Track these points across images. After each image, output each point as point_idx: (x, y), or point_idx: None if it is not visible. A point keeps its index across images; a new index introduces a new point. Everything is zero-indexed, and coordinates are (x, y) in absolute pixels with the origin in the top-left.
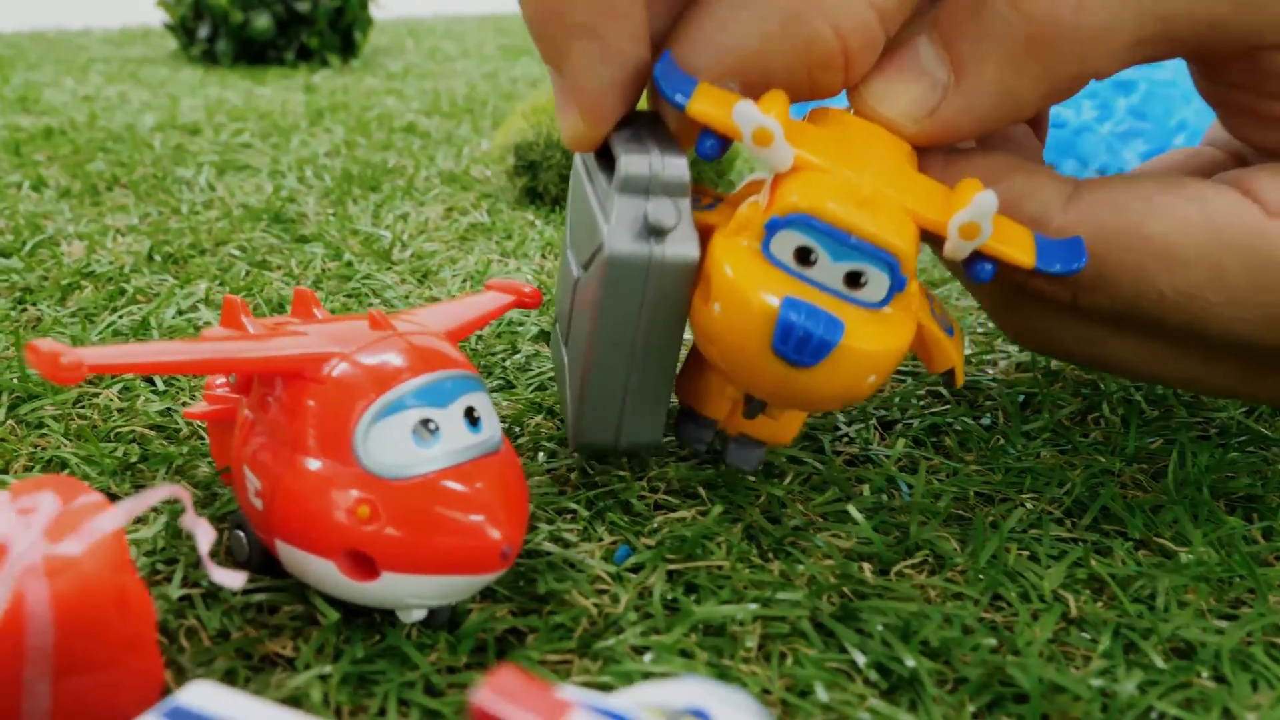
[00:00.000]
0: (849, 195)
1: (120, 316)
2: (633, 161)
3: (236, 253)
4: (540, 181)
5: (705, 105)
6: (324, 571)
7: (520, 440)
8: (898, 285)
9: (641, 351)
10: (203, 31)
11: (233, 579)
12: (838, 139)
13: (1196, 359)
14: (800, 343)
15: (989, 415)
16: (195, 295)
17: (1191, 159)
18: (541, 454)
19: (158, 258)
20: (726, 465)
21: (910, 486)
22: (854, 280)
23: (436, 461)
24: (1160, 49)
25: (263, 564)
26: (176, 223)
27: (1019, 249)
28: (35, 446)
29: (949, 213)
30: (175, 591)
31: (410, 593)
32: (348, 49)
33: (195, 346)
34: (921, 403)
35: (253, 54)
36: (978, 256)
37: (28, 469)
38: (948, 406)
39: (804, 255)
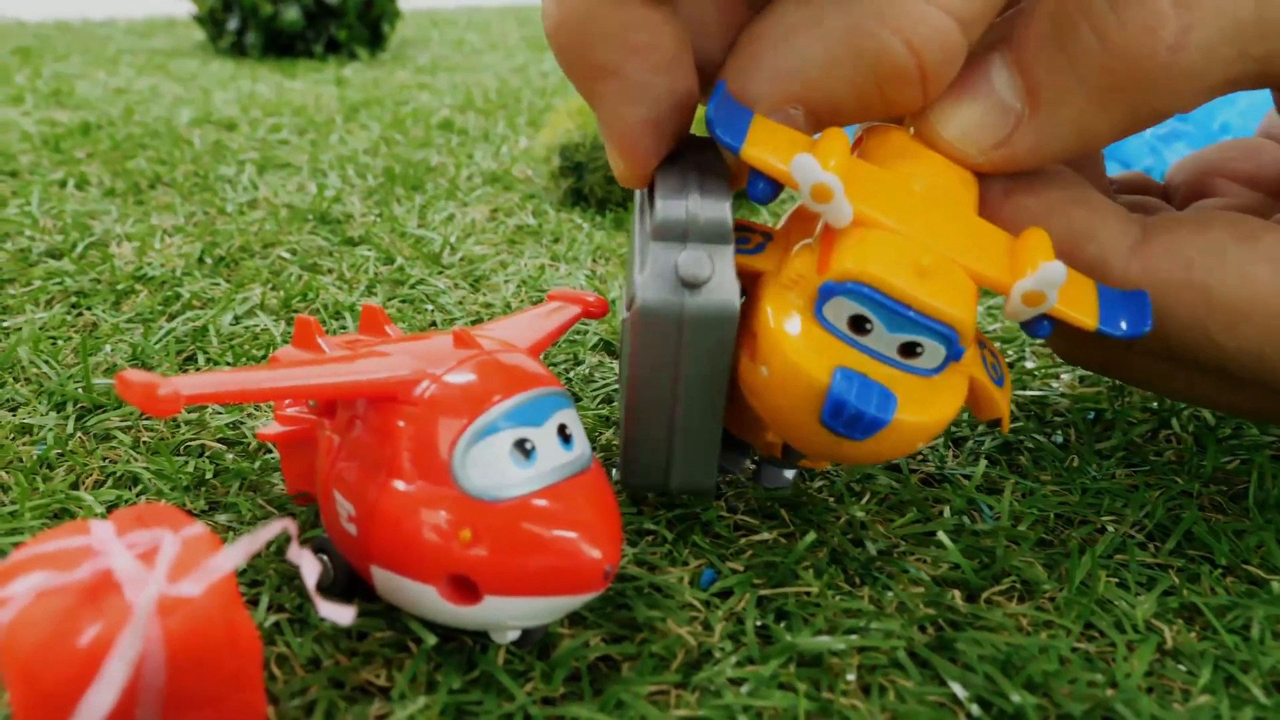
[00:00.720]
0: (909, 263)
1: (178, 323)
2: (669, 207)
3: (287, 255)
4: (586, 183)
5: (760, 151)
6: (424, 596)
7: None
8: (954, 356)
9: (683, 400)
10: (231, 23)
11: (342, 614)
12: (897, 183)
13: (1262, 396)
14: (851, 420)
15: (1060, 432)
16: (251, 301)
17: (1254, 155)
18: (615, 470)
19: (209, 260)
20: (759, 486)
21: (992, 508)
22: (909, 350)
23: (534, 482)
24: (1249, 85)
25: (347, 588)
26: (223, 223)
27: (1081, 308)
28: (105, 460)
29: (1013, 272)
30: (263, 616)
31: (511, 615)
32: (376, 41)
33: (287, 373)
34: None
35: (281, 46)
36: (1037, 315)
37: (100, 483)
38: (1018, 423)
39: (858, 324)
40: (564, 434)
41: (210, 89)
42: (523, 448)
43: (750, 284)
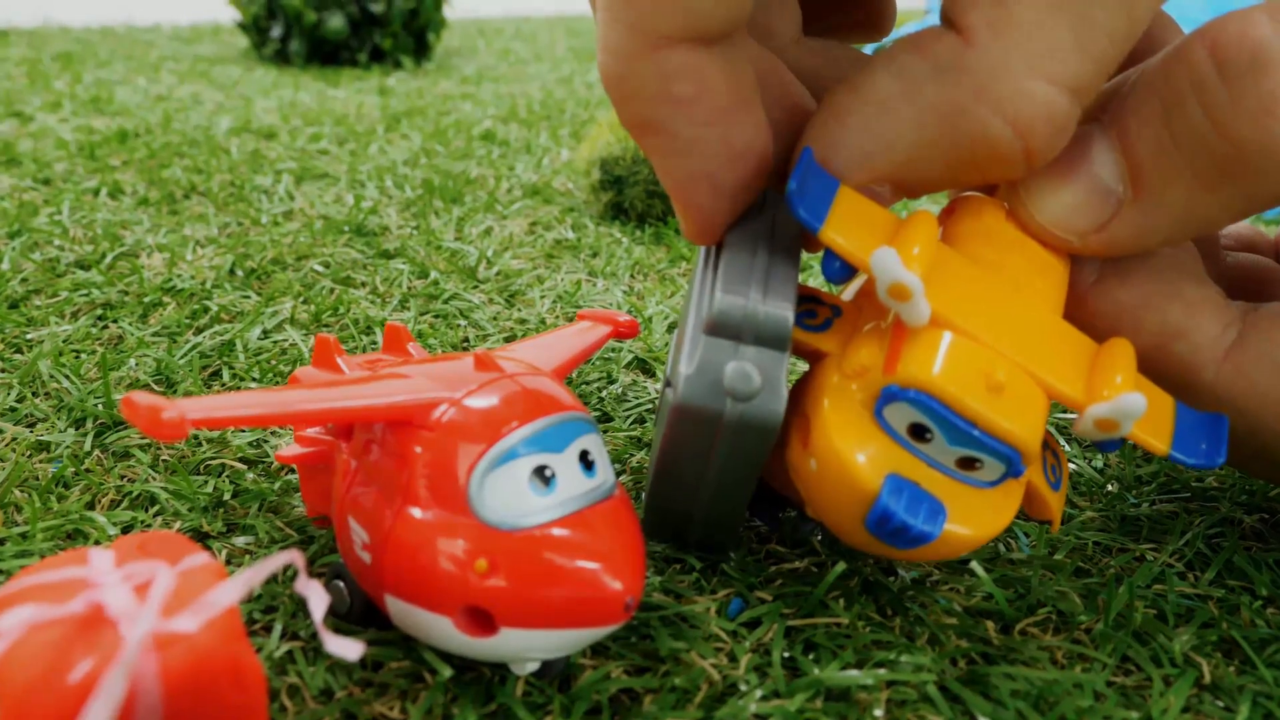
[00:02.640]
0: (980, 378)
1: (204, 337)
2: (727, 302)
3: (320, 268)
4: (626, 197)
5: (840, 235)
6: (438, 627)
7: (622, 478)
8: (1014, 474)
9: (710, 488)
10: (275, 31)
11: (349, 649)
12: (982, 276)
13: None
14: (896, 533)
15: (1101, 458)
16: (280, 315)
17: None
18: (638, 496)
19: (239, 272)
20: (793, 533)
21: (1029, 536)
22: (968, 464)
23: (553, 510)
24: None
25: (363, 615)
26: (257, 234)
27: (1155, 430)
28: (123, 479)
29: (1089, 391)
30: (275, 644)
31: (529, 647)
32: (421, 50)
33: (300, 396)
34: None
35: (325, 54)
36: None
37: (115, 503)
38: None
39: (918, 431)
40: (586, 460)
41: (251, 97)
42: (542, 475)
43: (812, 360)
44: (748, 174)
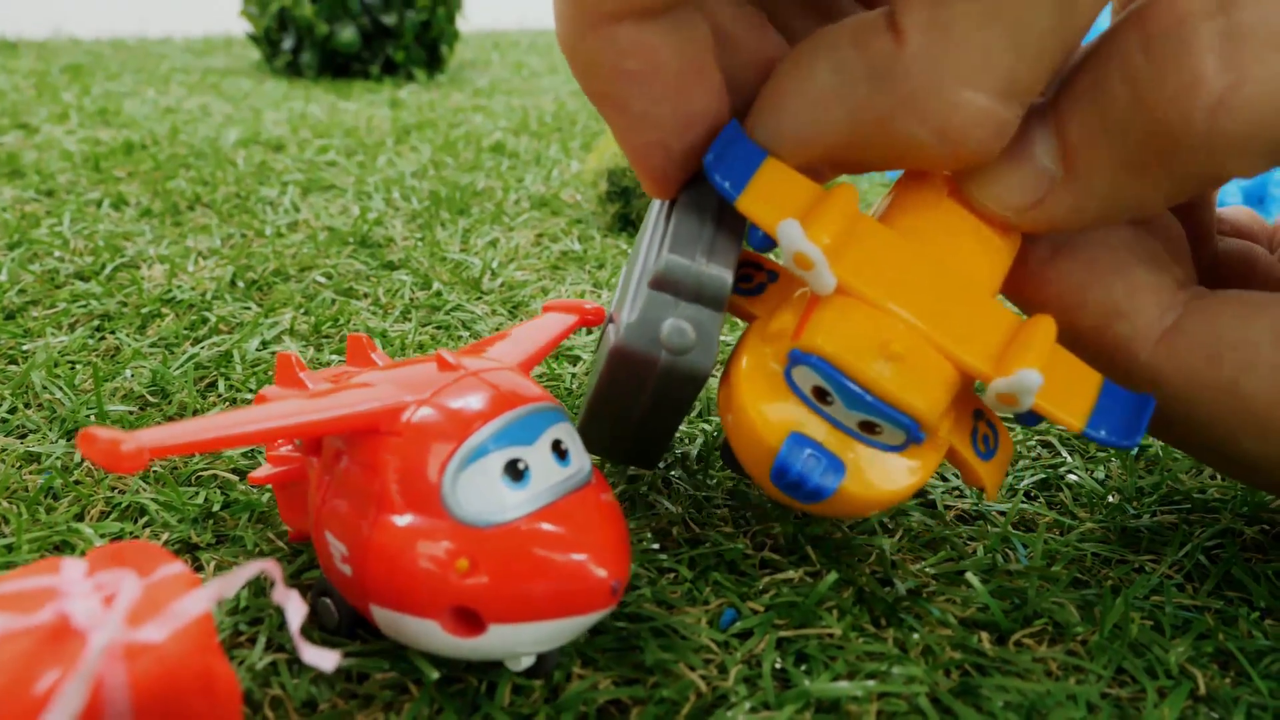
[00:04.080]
0: (877, 346)
1: (202, 348)
2: (673, 263)
3: (322, 280)
4: (633, 208)
5: (756, 205)
6: (427, 632)
7: (618, 488)
8: (915, 439)
9: (640, 423)
10: (287, 43)
11: (325, 659)
12: (909, 250)
13: None
14: (793, 486)
15: (1102, 468)
16: (280, 326)
17: None
18: (633, 501)
19: (241, 284)
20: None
21: (1027, 547)
22: (869, 427)
23: (530, 503)
24: None
25: (352, 627)
26: (260, 246)
27: (1069, 406)
28: (113, 490)
29: (1000, 364)
30: (259, 656)
31: (520, 642)
32: (434, 63)
33: (261, 413)
34: (1033, 454)
35: (337, 67)
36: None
37: (105, 514)
38: (1061, 459)
39: (821, 395)
40: (559, 449)
41: (261, 109)
42: (515, 468)
43: (747, 320)
44: (701, 139)
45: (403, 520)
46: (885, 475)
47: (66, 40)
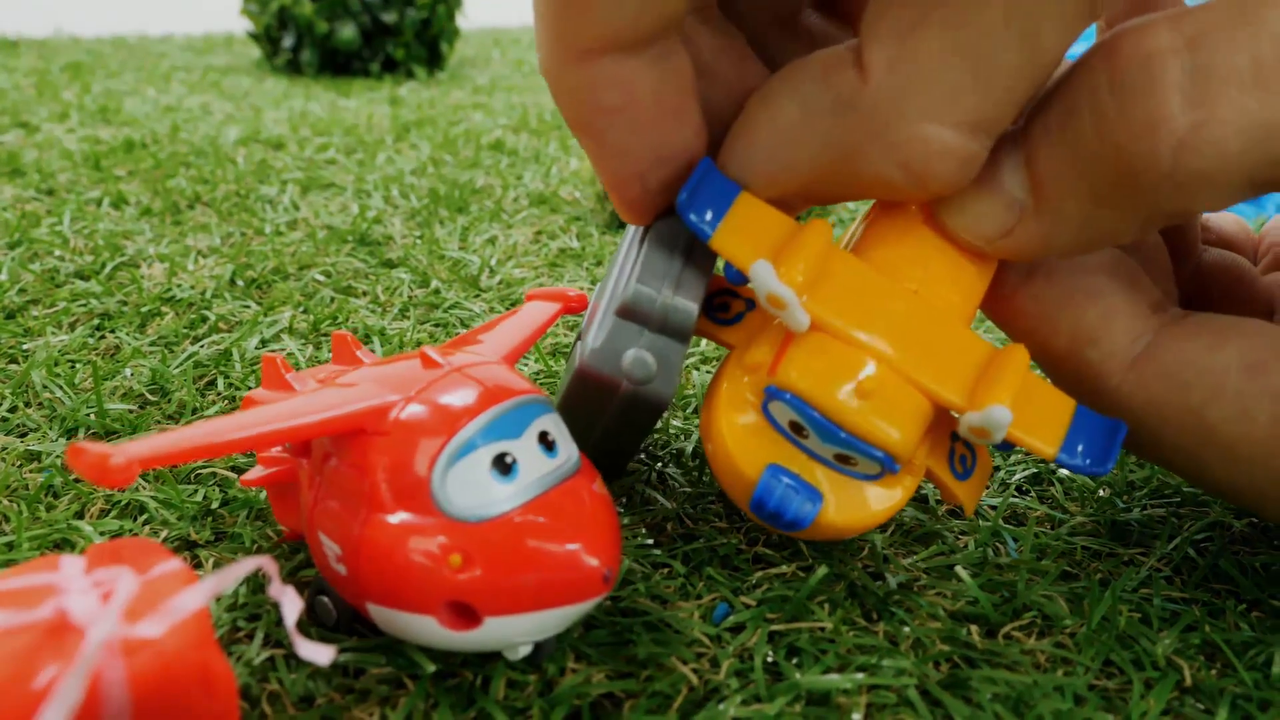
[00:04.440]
0: (848, 382)
1: (201, 346)
2: (641, 293)
3: (321, 278)
4: None
5: (729, 243)
6: (423, 627)
7: (613, 484)
8: (890, 470)
9: (600, 438)
10: (287, 41)
11: (321, 654)
12: (880, 282)
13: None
14: (772, 517)
15: None
16: (279, 324)
17: None
18: (628, 497)
19: (240, 282)
20: None
21: (1017, 541)
22: (844, 459)
23: (519, 496)
24: None
25: (350, 624)
26: (259, 244)
27: (1042, 433)
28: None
29: (973, 397)
30: (256, 651)
31: (516, 633)
32: (434, 61)
33: (249, 419)
34: (1023, 449)
35: (338, 65)
36: None
37: (104, 513)
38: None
39: (797, 429)
40: (546, 441)
41: (261, 107)
42: (503, 462)
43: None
44: (679, 172)
45: (394, 518)
46: (862, 504)
47: (67, 39)
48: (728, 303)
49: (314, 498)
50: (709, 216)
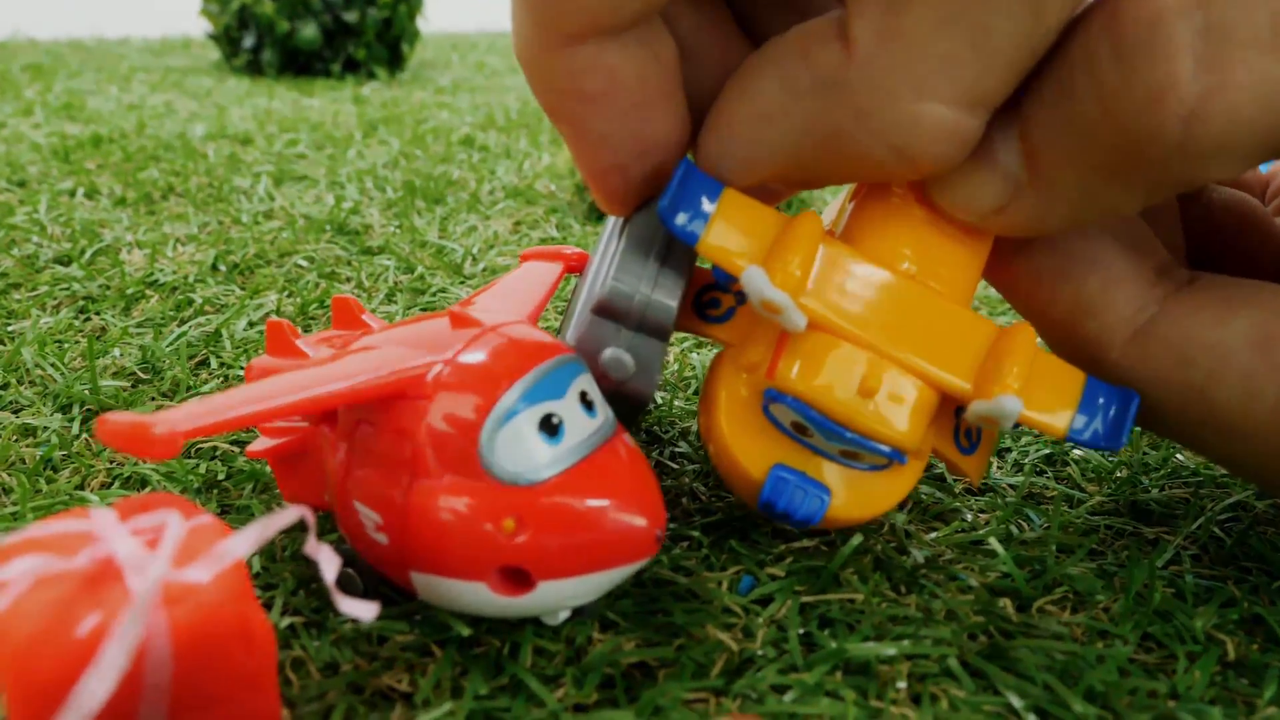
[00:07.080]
0: (851, 381)
1: (189, 328)
2: (618, 288)
3: (304, 264)
4: None
5: (717, 247)
6: (472, 594)
7: None
8: (898, 461)
9: None
10: (247, 41)
11: (364, 610)
12: (874, 269)
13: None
14: (782, 517)
15: None
16: (266, 307)
17: None
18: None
19: (223, 268)
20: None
21: (1041, 518)
22: (850, 454)
23: (567, 457)
24: None
25: (375, 593)
26: (238, 233)
27: (1053, 409)
28: (112, 462)
29: (980, 384)
30: (277, 618)
31: (566, 596)
32: (395, 62)
33: (289, 385)
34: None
35: (298, 65)
36: None
37: (106, 486)
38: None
39: (800, 428)
40: (586, 401)
41: (225, 105)
42: (549, 424)
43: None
44: (659, 164)
45: (442, 483)
46: (871, 494)
47: (25, 41)
48: (718, 298)
49: (345, 466)
50: (693, 222)
